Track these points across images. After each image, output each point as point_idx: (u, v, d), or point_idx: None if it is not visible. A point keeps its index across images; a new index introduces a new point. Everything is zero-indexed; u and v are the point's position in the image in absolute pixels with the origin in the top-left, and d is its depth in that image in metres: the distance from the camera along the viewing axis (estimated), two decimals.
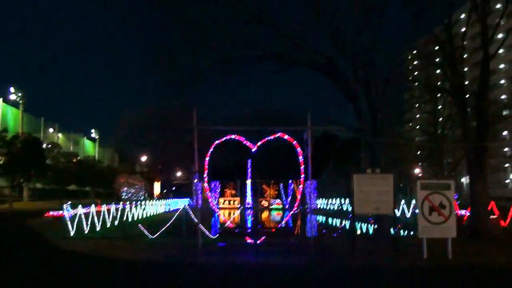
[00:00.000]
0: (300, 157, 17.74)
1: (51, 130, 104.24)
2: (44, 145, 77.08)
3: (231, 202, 74.39)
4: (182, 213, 24.78)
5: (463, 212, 29.09)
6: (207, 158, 17.13)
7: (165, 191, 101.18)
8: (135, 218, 37.66)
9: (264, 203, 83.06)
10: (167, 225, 23.63)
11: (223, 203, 78.45)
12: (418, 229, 16.44)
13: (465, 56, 26.48)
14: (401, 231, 22.10)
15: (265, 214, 54.39)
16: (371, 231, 24.78)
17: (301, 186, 17.68)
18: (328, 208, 65.84)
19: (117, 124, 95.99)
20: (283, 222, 18.62)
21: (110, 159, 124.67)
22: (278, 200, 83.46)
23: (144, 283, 12.09)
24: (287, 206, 74.76)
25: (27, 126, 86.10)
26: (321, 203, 76.79)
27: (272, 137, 17.08)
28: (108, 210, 30.82)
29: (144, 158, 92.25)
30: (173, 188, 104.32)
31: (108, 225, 28.84)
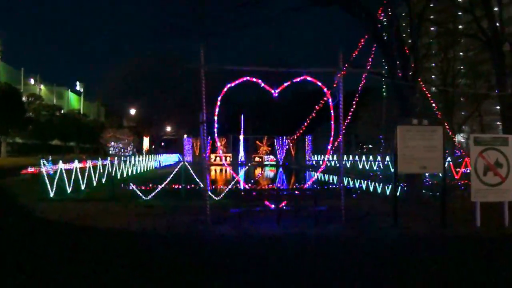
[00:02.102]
0: (330, 102, 14.44)
1: (32, 81, 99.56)
2: (24, 98, 73.21)
3: (225, 158, 71.72)
4: (179, 171, 21.68)
5: None
6: (217, 108, 13.73)
7: (153, 146, 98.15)
8: (124, 175, 34.70)
9: (257, 159, 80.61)
10: (164, 184, 20.68)
11: (215, 160, 76.41)
12: (470, 191, 13.57)
13: None
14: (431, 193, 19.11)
15: (258, 171, 52.18)
16: (371, 189, 22.10)
17: (330, 144, 14.42)
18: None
19: (104, 76, 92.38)
20: (309, 183, 15.37)
21: (96, 113, 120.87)
22: (271, 157, 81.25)
23: (142, 265, 8.90)
24: (280, 163, 71.52)
25: (5, 77, 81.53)
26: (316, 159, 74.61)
27: (298, 79, 13.68)
28: (94, 167, 27.71)
29: (132, 112, 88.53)
30: (162, 144, 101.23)
31: (95, 183, 25.78)
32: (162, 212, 15.92)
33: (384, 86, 21.60)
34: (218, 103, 13.62)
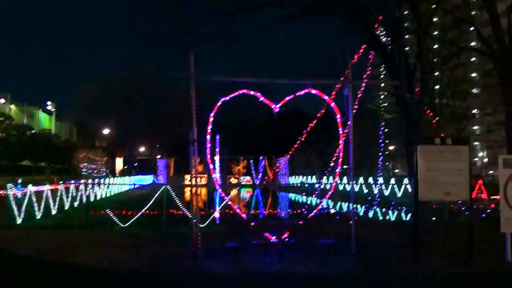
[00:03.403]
0: (338, 119, 12.92)
1: (2, 101, 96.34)
2: None
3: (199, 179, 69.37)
4: (161, 195, 19.91)
5: None
6: (210, 126, 12.06)
7: (126, 167, 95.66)
8: (98, 198, 32.69)
9: (233, 180, 78.71)
10: (144, 209, 18.96)
11: (189, 180, 74.42)
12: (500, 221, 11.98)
13: None
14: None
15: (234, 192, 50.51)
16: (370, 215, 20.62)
17: (340, 161, 12.74)
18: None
19: (76, 96, 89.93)
20: (315, 211, 13.72)
21: (68, 133, 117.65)
22: (248, 177, 79.44)
23: None
24: (257, 183, 69.74)
25: None
26: (295, 181, 73.22)
27: (301, 92, 12.11)
28: (66, 188, 25.72)
29: (106, 131, 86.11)
30: (135, 164, 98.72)
31: (67, 206, 23.80)
32: (142, 242, 14.16)
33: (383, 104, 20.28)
34: (211, 119, 11.98)
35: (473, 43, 44.29)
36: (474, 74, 62.01)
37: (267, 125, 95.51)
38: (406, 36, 20.58)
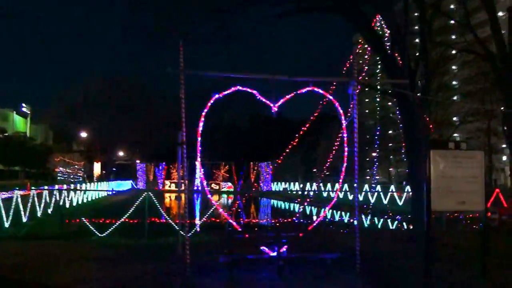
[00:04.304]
0: (342, 120, 11.70)
1: None
2: None
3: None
4: (142, 202, 18.51)
5: None
6: (201, 125, 10.68)
7: (105, 172, 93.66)
8: (74, 204, 31.08)
9: (214, 186, 77.45)
10: (123, 218, 17.62)
11: (170, 186, 73.11)
12: None
13: None
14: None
15: (215, 198, 49.25)
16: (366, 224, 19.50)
17: (345, 164, 11.39)
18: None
19: (53, 98, 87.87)
20: (316, 222, 12.41)
21: (44, 136, 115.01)
22: (229, 183, 78.26)
23: None
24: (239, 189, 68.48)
25: None
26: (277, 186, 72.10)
27: (303, 90, 10.82)
28: (39, 194, 24.16)
29: (83, 135, 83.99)
30: (114, 169, 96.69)
31: (39, 214, 22.28)
32: (122, 256, 12.72)
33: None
34: (203, 118, 10.63)
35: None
36: (454, 82, 62.10)
37: (249, 130, 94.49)
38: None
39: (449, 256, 12.42)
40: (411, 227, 16.57)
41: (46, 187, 27.62)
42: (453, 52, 27.75)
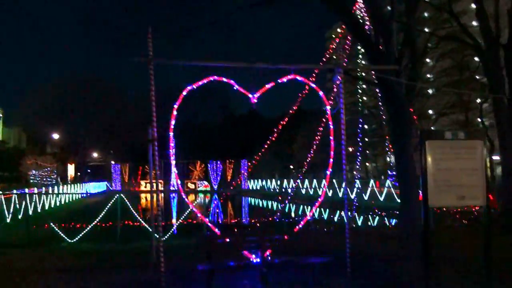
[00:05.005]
0: (328, 110, 10.91)
1: None
2: None
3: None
4: (114, 205, 17.55)
5: None
6: (173, 119, 9.75)
7: (79, 174, 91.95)
8: (46, 207, 29.95)
9: (190, 185, 76.41)
10: (94, 222, 16.67)
11: (145, 186, 71.86)
12: None
13: None
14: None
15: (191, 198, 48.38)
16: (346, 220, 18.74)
17: (331, 160, 10.50)
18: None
19: (24, 100, 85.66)
20: (301, 223, 11.52)
21: (17, 139, 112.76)
22: (205, 182, 77.19)
23: None
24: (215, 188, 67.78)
25: None
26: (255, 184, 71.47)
27: (284, 79, 9.96)
28: (8, 199, 23.20)
29: (56, 137, 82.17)
30: (89, 171, 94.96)
31: (8, 219, 21.28)
32: (93, 264, 11.75)
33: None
34: (175, 112, 9.69)
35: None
36: (428, 75, 62.17)
37: (224, 128, 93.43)
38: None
39: (444, 257, 11.68)
40: (399, 224, 15.87)
41: (15, 191, 26.44)
42: (432, 43, 27.18)
